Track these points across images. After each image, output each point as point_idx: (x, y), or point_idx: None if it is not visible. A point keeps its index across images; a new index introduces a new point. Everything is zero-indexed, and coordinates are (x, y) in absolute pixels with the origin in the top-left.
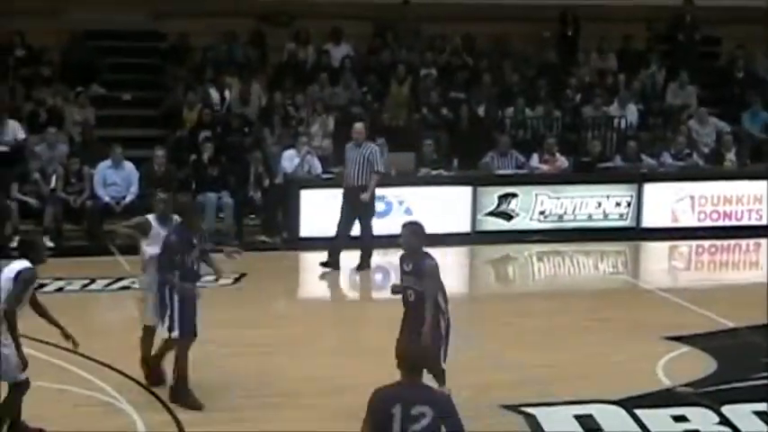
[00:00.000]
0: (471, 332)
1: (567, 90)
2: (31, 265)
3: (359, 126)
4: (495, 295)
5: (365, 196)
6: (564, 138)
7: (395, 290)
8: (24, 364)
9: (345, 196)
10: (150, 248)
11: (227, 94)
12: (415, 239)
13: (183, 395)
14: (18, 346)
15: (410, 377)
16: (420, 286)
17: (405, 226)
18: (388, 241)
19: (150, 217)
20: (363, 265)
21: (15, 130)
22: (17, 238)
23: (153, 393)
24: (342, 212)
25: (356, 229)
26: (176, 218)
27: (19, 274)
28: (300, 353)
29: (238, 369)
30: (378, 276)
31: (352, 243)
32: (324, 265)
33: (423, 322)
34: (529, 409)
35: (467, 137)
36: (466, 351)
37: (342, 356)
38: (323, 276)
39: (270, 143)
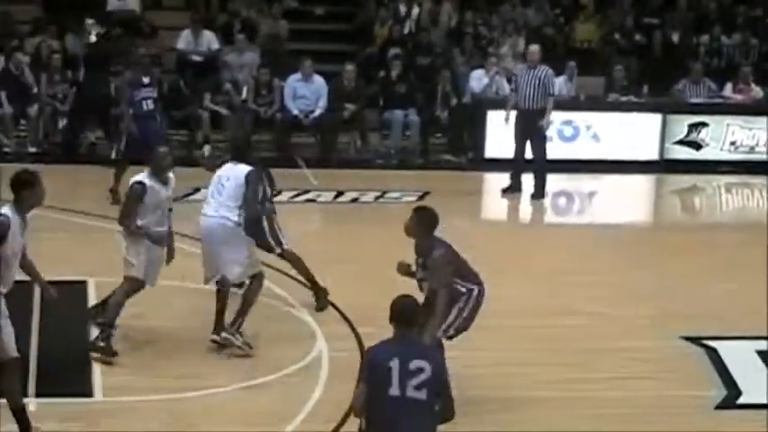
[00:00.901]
0: (653, 261)
1: (766, 18)
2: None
3: (534, 47)
4: (680, 225)
5: (545, 123)
6: (760, 67)
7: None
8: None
9: (518, 119)
10: None
11: (417, 11)
12: (419, 228)
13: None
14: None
15: (406, 332)
16: (430, 279)
17: (414, 211)
18: (574, 166)
19: None
20: (537, 194)
21: (209, 40)
22: (207, 147)
23: (334, 306)
24: (515, 136)
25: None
26: None
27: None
28: (483, 273)
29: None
30: (560, 201)
31: (529, 167)
32: (505, 191)
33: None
34: (710, 342)
35: (659, 63)
36: (648, 280)
37: (518, 279)
38: (505, 197)
39: (459, 62)
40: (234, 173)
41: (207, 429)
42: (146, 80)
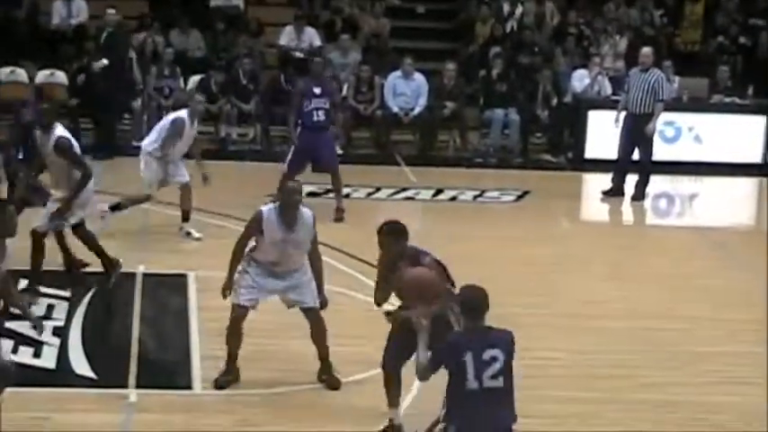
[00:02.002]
0: (756, 265)
1: None
2: None
3: (646, 50)
4: None
5: (650, 128)
6: None
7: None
8: None
9: (626, 122)
10: None
11: (520, 10)
12: (394, 246)
13: None
14: None
15: (476, 322)
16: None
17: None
18: (675, 168)
19: None
20: (638, 194)
21: (312, 37)
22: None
23: None
24: (621, 138)
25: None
26: None
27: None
28: (579, 274)
29: (518, 284)
30: (661, 203)
31: (634, 168)
32: (605, 193)
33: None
34: None
35: (764, 65)
36: (751, 284)
37: (619, 281)
38: (605, 199)
39: (560, 62)
40: None
41: (310, 424)
42: (317, 90)
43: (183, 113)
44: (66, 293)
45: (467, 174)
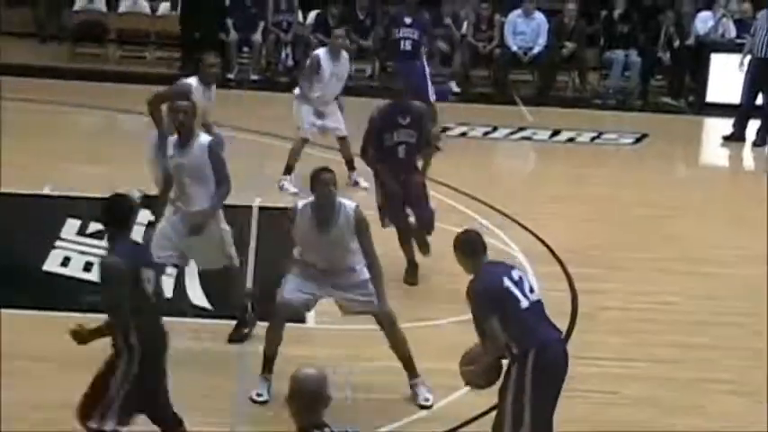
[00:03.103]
0: None
1: None
2: None
3: None
4: None
5: None
6: None
7: None
8: None
9: (751, 66)
10: None
11: None
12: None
13: None
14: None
15: (483, 257)
16: None
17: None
18: None
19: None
20: (760, 140)
21: None
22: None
23: (547, 246)
24: (745, 82)
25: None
26: None
27: None
28: (701, 220)
29: (634, 228)
30: None
31: (757, 114)
32: (726, 138)
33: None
34: None
35: None
36: None
37: (738, 228)
38: (725, 144)
39: (684, 3)
40: None
41: (417, 361)
42: (407, 20)
43: (319, 50)
44: None
45: (585, 115)
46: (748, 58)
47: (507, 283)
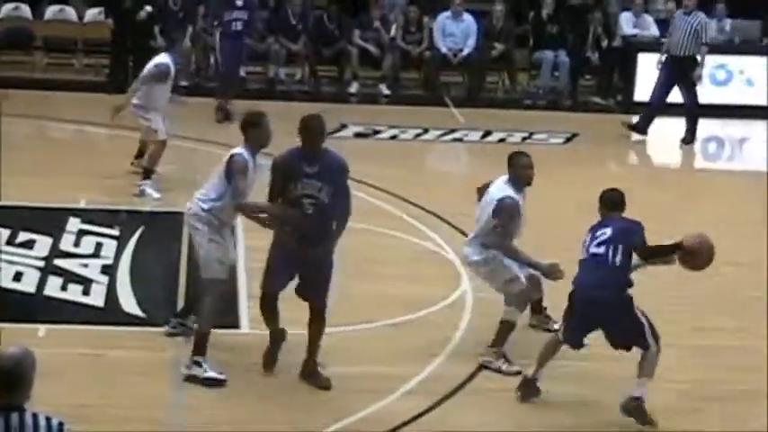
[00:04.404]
0: None
1: None
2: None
3: None
4: None
5: (698, 73)
6: None
7: None
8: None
9: (665, 63)
10: None
11: None
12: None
13: None
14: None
15: (607, 214)
16: None
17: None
18: (726, 111)
19: None
20: (688, 138)
21: None
22: (355, 84)
23: None
24: (659, 79)
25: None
26: None
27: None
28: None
29: (568, 226)
30: (711, 147)
31: (680, 112)
32: (631, 128)
33: None
34: None
35: None
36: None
37: (672, 226)
38: (653, 142)
39: (612, 3)
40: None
41: (348, 366)
42: (239, 2)
43: (167, 58)
44: (115, 232)
45: (515, 115)
46: (665, 56)
47: (586, 236)
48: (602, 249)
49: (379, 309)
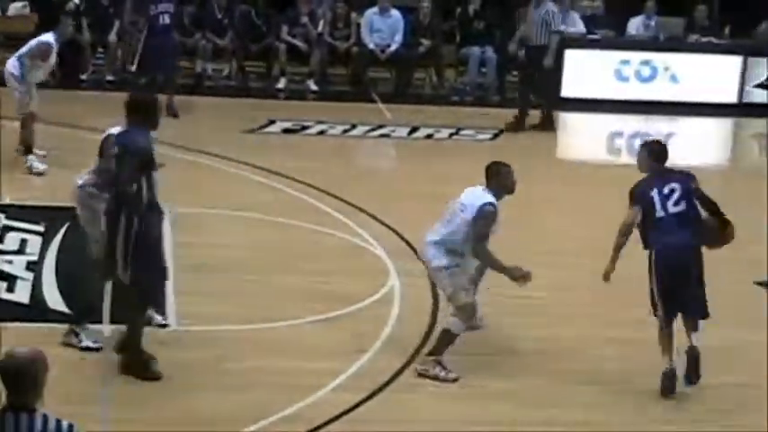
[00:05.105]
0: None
1: None
2: None
3: None
4: (758, 170)
5: (548, 61)
6: None
7: None
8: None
9: (526, 54)
10: None
11: None
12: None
13: None
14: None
15: (659, 167)
16: None
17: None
18: (651, 108)
19: None
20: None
21: None
22: (283, 79)
23: (407, 242)
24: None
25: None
26: None
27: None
28: (561, 213)
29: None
30: (636, 143)
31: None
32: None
33: None
34: None
35: (741, 4)
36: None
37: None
38: (584, 137)
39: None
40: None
41: (276, 361)
42: None
43: (49, 37)
44: (40, 228)
45: (443, 111)
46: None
47: (653, 193)
48: (682, 207)
49: (307, 304)
